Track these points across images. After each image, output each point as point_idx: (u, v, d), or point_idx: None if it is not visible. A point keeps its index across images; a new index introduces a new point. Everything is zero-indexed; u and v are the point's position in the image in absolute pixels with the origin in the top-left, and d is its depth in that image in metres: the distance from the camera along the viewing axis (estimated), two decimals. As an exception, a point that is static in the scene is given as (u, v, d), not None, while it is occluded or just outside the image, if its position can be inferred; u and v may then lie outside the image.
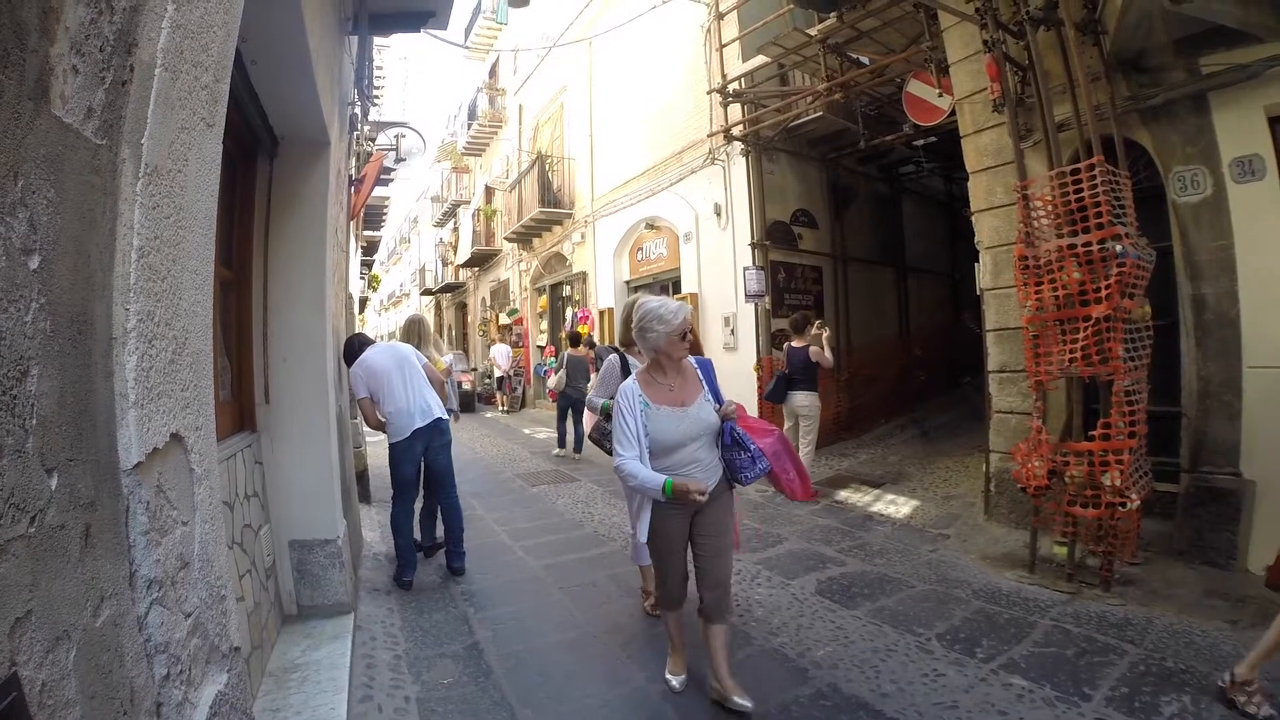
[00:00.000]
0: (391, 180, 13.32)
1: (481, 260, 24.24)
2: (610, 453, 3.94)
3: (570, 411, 10.99)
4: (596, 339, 14.10)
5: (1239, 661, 3.23)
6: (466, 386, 18.33)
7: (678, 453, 3.26)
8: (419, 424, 5.27)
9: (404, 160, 10.36)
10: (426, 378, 5.41)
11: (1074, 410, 5.14)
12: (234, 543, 3.12)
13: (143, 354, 1.30)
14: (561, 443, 11.30)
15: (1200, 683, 3.43)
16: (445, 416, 5.47)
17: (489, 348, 21.87)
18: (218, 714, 1.49)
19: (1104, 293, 4.52)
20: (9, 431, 0.88)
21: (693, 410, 3.31)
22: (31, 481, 0.93)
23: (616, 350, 4.77)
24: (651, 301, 3.36)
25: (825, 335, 7.81)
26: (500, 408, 19.12)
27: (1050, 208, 4.93)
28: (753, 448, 3.31)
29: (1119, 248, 4.48)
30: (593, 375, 13.03)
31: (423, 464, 5.50)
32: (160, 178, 1.37)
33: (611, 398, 4.05)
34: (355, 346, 5.51)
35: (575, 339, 11.43)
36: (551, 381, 11.38)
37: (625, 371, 4.55)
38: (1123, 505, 4.49)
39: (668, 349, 3.32)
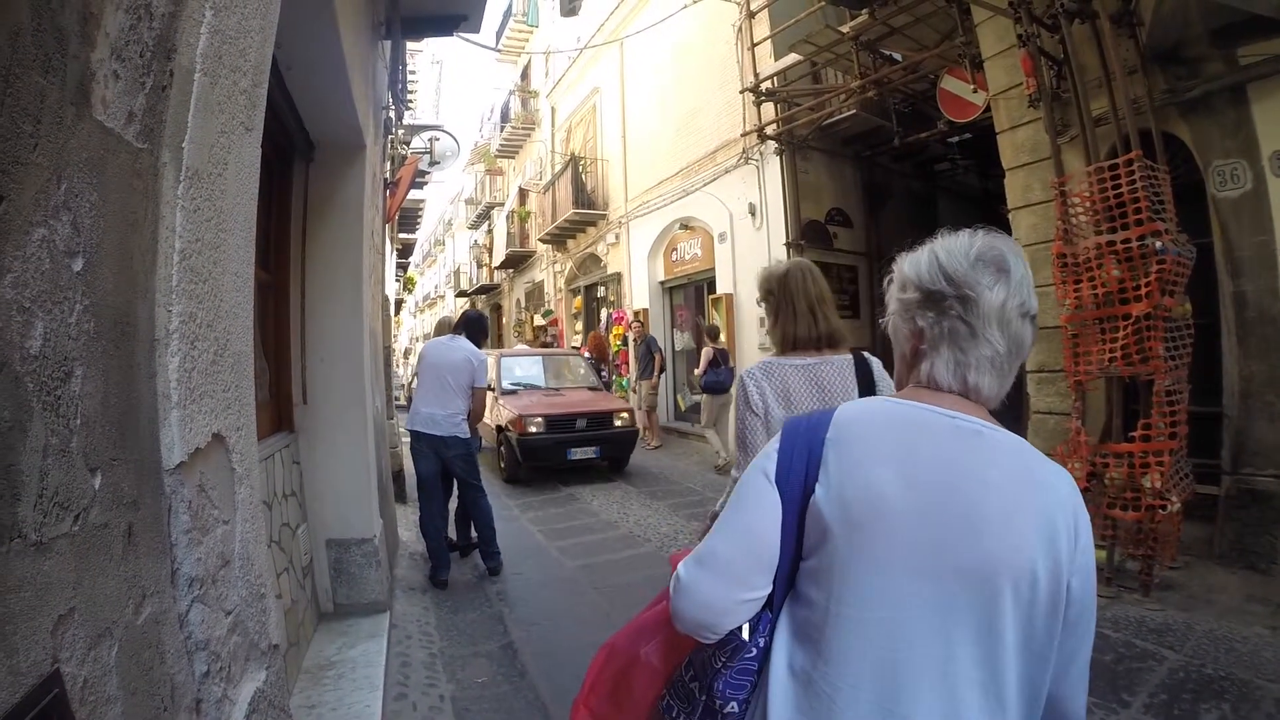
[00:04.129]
0: (426, 183, 13.41)
1: (516, 262, 24.38)
2: None
3: None
4: (632, 338, 13.39)
5: None
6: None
7: None
8: (422, 429, 5.38)
9: (438, 163, 10.44)
10: (459, 391, 5.43)
11: (1113, 411, 5.05)
12: (273, 541, 3.16)
13: (185, 355, 1.32)
14: None
15: (1240, 690, 3.35)
16: (459, 436, 5.44)
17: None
18: (256, 710, 1.50)
19: (1144, 290, 4.43)
20: (54, 431, 0.90)
21: None
22: (75, 481, 0.95)
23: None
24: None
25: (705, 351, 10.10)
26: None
27: (1088, 204, 4.84)
28: None
29: (1159, 244, 4.40)
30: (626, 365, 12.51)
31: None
32: (201, 181, 1.39)
33: None
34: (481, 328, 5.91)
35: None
36: None
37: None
38: (1163, 508, 4.40)
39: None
